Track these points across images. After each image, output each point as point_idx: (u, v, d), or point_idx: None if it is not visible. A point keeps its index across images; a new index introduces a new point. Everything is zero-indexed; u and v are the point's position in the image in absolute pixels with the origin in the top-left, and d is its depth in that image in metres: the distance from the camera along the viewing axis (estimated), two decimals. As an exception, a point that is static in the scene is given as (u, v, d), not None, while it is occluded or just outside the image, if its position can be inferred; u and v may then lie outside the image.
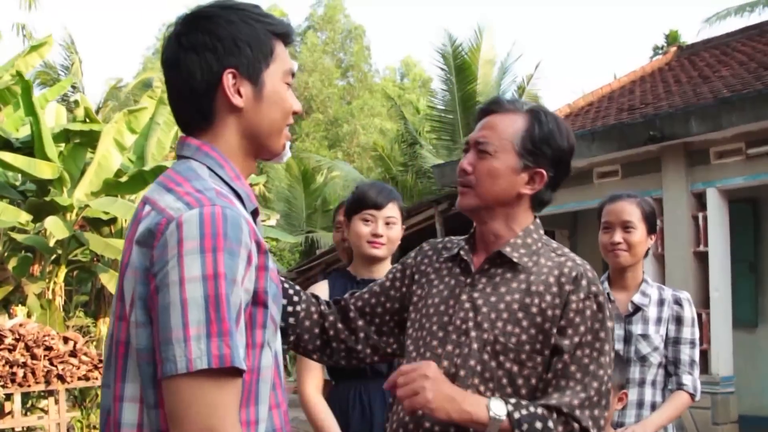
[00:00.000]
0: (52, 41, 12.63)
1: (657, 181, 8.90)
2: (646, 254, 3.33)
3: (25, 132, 13.93)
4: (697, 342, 3.31)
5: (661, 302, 3.31)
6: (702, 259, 8.55)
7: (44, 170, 12.50)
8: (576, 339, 2.02)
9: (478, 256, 2.19)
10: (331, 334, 2.30)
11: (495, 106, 2.18)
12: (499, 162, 2.10)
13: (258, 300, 1.56)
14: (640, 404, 3.21)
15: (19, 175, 13.66)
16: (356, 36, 38.63)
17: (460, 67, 19.26)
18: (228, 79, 1.66)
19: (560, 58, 69.22)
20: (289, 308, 2.26)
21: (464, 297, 2.12)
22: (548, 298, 2.05)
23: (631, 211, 3.26)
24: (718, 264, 8.40)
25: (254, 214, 1.72)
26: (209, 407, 1.42)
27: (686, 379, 3.24)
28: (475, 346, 2.05)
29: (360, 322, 2.31)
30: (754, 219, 10.07)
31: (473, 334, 2.06)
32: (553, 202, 2.27)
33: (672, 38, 20.90)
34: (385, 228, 3.17)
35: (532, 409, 1.95)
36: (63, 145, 13.90)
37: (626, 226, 3.24)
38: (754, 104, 7.89)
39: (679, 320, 3.29)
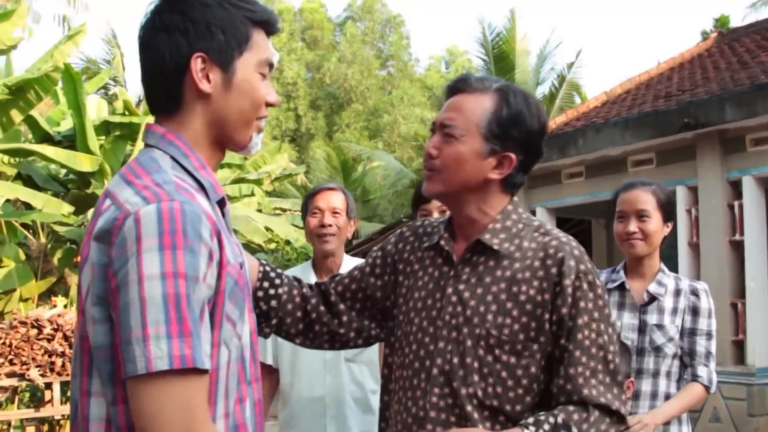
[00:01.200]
0: (86, 29, 12.80)
1: (692, 170, 8.78)
2: (663, 243, 3.27)
3: (66, 126, 14.17)
4: (714, 333, 3.24)
5: (677, 292, 3.24)
6: (738, 248, 8.41)
7: (84, 163, 12.71)
8: (575, 323, 1.96)
9: (459, 244, 2.11)
10: (314, 317, 2.24)
11: (463, 84, 2.08)
12: (464, 146, 2.01)
13: (216, 298, 1.51)
14: (654, 395, 3.16)
15: (63, 170, 13.90)
16: (395, 25, 38.54)
17: (498, 57, 19.19)
18: (197, 63, 1.60)
19: (606, 45, 68.40)
20: (271, 291, 2.20)
21: (450, 290, 2.06)
22: (536, 283, 1.99)
23: (645, 199, 3.20)
24: (754, 253, 8.26)
25: (221, 203, 1.67)
26: (180, 409, 1.38)
27: (701, 371, 3.17)
28: (469, 342, 2.00)
29: (341, 306, 2.25)
30: (793, 207, 9.91)
31: (465, 330, 2.01)
32: (588, 190, 2.18)
33: (721, 23, 20.37)
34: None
35: (552, 420, 1.91)
36: (103, 138, 14.12)
37: (641, 215, 3.19)
38: (790, 90, 7.75)
39: (695, 311, 3.22)
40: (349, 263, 3.57)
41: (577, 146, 9.78)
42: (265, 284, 2.20)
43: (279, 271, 2.27)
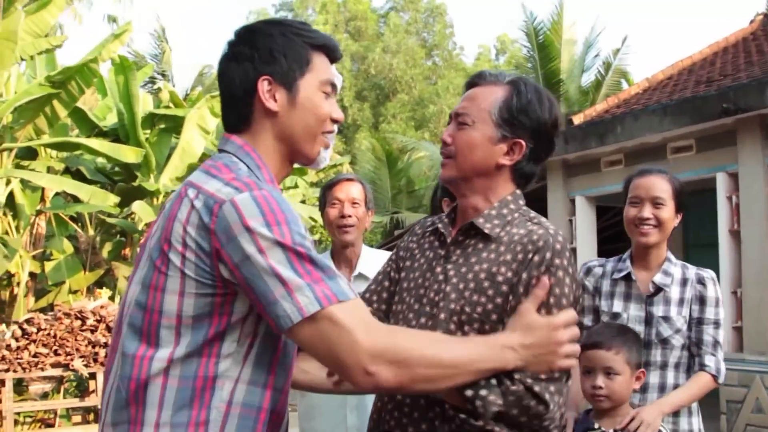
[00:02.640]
0: (132, 28, 12.99)
1: (733, 155, 8.61)
2: (671, 234, 3.21)
3: (111, 119, 14.41)
4: (721, 322, 3.16)
5: (684, 282, 3.17)
6: (781, 235, 8.25)
7: (128, 155, 12.91)
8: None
9: (456, 229, 2.20)
10: None
11: (478, 78, 2.21)
12: (476, 132, 2.11)
13: None
14: (662, 387, 3.10)
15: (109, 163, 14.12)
16: (438, 15, 38.42)
17: (542, 45, 19.05)
18: (263, 85, 1.82)
19: (657, 30, 67.33)
20: None
21: (438, 269, 2.15)
22: (513, 266, 2.03)
23: (662, 186, 3.12)
24: (797, 240, 8.08)
25: None
26: (342, 334, 1.63)
27: (709, 360, 3.10)
28: (442, 316, 2.07)
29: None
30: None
31: (442, 304, 2.09)
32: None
33: (775, 4, 19.90)
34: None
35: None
36: (149, 130, 14.33)
37: (656, 202, 3.10)
38: (832, 73, 7.57)
39: (702, 300, 3.14)
40: (367, 254, 3.61)
41: (616, 134, 9.67)
42: None
43: None
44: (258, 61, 1.84)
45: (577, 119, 11.05)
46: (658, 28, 65.79)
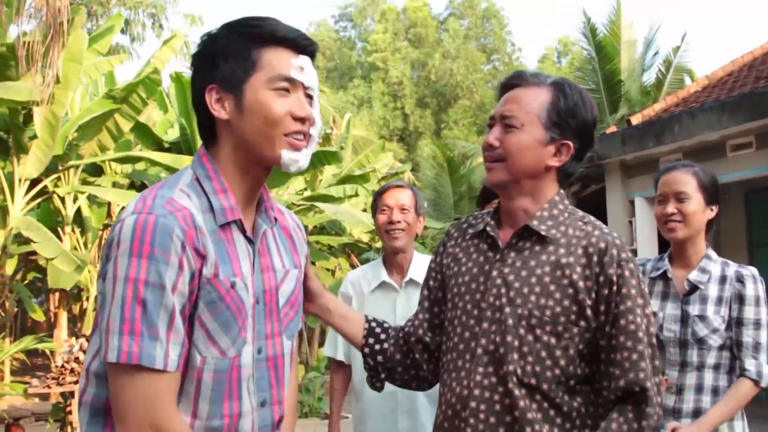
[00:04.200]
0: (180, 34, 13.28)
1: (794, 151, 8.44)
2: (710, 228, 3.12)
3: (173, 135, 14.69)
4: (764, 322, 3.00)
5: (722, 279, 3.05)
6: None
7: (188, 165, 13.11)
8: (619, 309, 2.04)
9: (505, 232, 2.21)
10: (418, 365, 2.37)
11: (518, 80, 2.20)
12: (526, 135, 2.12)
13: (191, 306, 1.67)
14: (699, 389, 3.00)
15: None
16: (495, 18, 38.24)
17: (600, 45, 18.82)
18: (211, 95, 1.74)
19: (717, 27, 65.91)
20: (377, 346, 2.36)
21: (495, 273, 2.15)
22: (578, 269, 2.08)
23: (685, 180, 3.06)
24: None
25: (241, 225, 1.78)
26: (142, 399, 1.57)
27: (749, 364, 2.97)
28: (510, 321, 2.08)
29: (434, 346, 2.36)
30: None
31: (507, 309, 2.09)
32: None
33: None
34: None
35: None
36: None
37: (680, 197, 3.05)
38: None
39: (741, 299, 3.01)
40: (419, 260, 3.64)
41: (673, 133, 9.53)
42: (371, 340, 2.37)
43: (386, 325, 2.42)
44: (205, 69, 1.75)
45: (635, 119, 10.91)
46: (719, 23, 64.35)
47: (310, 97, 1.80)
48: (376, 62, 34.66)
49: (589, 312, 2.06)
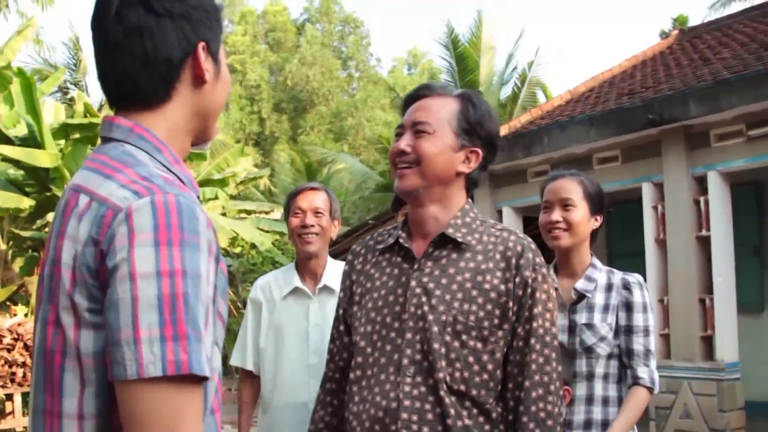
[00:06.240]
0: (35, 23, 12.60)
1: (658, 166, 8.78)
2: (594, 238, 3.08)
3: (22, 130, 13.90)
4: (652, 329, 2.98)
5: (609, 287, 3.01)
6: (705, 243, 8.42)
7: (43, 160, 12.39)
8: (531, 312, 2.12)
9: (417, 242, 2.23)
10: None
11: (426, 91, 2.25)
12: (438, 140, 2.16)
13: (213, 296, 1.40)
14: (589, 399, 2.93)
15: (21, 173, 13.58)
16: (353, 26, 38.52)
17: (461, 57, 19.25)
18: (202, 52, 1.52)
19: (571, 45, 68.96)
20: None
21: (413, 283, 2.16)
22: (498, 273, 2.13)
23: (570, 188, 3.01)
24: (720, 248, 8.26)
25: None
26: (171, 418, 1.26)
27: (642, 372, 2.94)
28: (435, 329, 2.09)
29: None
30: (758, 202, 9.98)
31: (431, 317, 2.10)
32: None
33: (680, 22, 20.51)
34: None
35: None
36: (63, 141, 13.84)
37: (566, 204, 2.99)
38: (753, 85, 7.76)
39: (628, 306, 2.98)
40: (332, 266, 3.52)
41: (543, 144, 9.76)
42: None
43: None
44: (195, 21, 1.52)
45: (503, 130, 11.12)
46: (572, 44, 67.33)
47: None
48: (234, 64, 34.12)
49: (510, 314, 2.11)
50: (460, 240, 2.16)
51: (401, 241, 2.23)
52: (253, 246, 16.20)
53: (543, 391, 2.09)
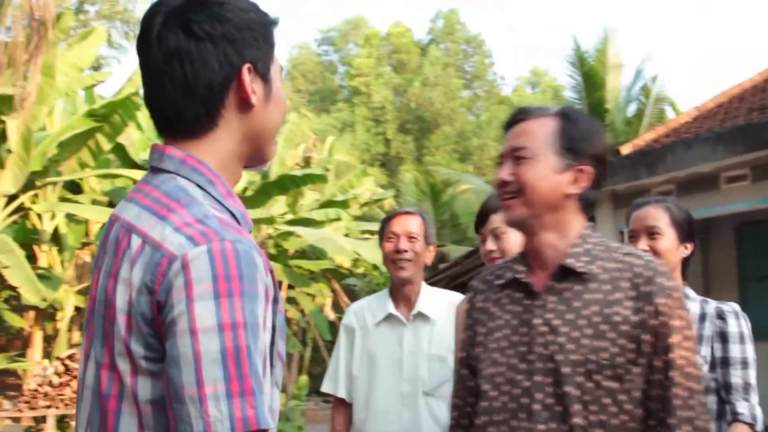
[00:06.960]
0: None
1: (790, 185, 8.33)
2: (686, 266, 2.93)
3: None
4: (751, 361, 2.82)
5: (702, 317, 2.89)
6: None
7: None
8: (668, 342, 1.93)
9: (537, 276, 2.07)
10: None
11: (522, 114, 2.13)
12: (540, 164, 2.03)
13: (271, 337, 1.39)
14: None
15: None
16: (476, 45, 38.47)
17: (587, 74, 18.86)
18: (249, 75, 1.45)
19: (703, 60, 66.88)
20: None
21: (537, 321, 2.01)
22: (629, 303, 1.96)
23: (657, 216, 2.89)
24: None
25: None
26: None
27: (741, 407, 2.78)
28: (566, 370, 1.94)
29: None
30: None
31: (560, 357, 1.96)
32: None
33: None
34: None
35: None
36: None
37: (651, 233, 2.88)
38: None
39: (723, 337, 2.84)
40: (427, 292, 3.45)
41: (666, 163, 9.41)
42: None
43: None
44: (239, 43, 1.44)
45: (626, 149, 10.81)
46: (704, 59, 65.30)
47: None
48: (359, 86, 34.63)
49: (646, 347, 1.94)
50: (581, 270, 2.00)
51: (520, 276, 2.08)
52: (376, 267, 16.31)
53: (689, 428, 1.90)
